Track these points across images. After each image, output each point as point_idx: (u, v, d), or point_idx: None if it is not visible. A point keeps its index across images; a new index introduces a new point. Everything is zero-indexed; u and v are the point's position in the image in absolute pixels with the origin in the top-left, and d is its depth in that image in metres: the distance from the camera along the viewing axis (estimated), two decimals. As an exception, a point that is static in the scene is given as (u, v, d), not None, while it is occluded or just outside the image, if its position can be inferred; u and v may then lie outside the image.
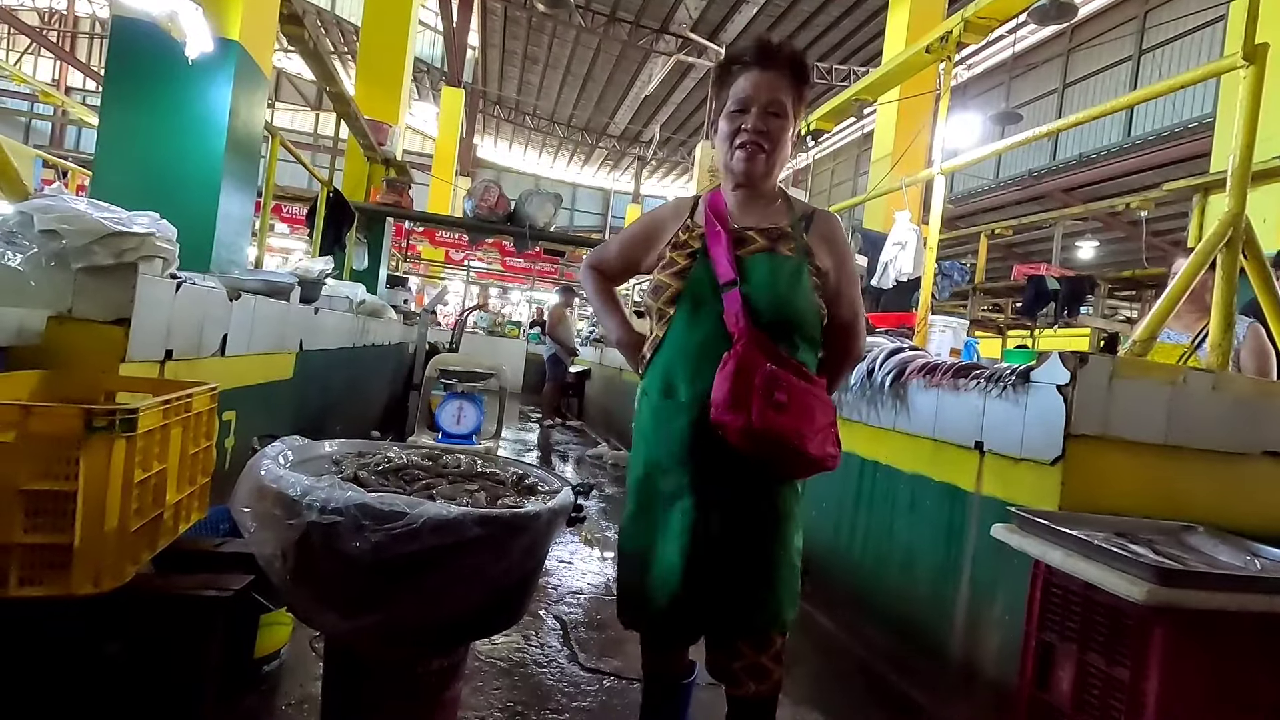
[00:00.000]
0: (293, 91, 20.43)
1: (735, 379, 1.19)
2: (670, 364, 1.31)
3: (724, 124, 1.33)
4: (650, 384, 1.35)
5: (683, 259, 1.34)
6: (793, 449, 1.19)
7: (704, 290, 1.29)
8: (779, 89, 1.29)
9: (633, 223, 1.54)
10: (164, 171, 2.71)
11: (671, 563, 1.27)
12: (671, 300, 1.32)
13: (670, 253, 1.36)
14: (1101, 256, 11.44)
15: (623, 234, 1.53)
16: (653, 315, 1.37)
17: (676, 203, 1.47)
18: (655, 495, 1.32)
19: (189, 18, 2.44)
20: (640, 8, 12.75)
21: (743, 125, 1.29)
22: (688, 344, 1.30)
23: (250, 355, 2.43)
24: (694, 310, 1.30)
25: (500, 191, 6.10)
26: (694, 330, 1.30)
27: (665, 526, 1.30)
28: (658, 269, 1.37)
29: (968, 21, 3.10)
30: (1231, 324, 1.81)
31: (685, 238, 1.37)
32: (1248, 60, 1.83)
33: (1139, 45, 9.88)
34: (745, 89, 1.29)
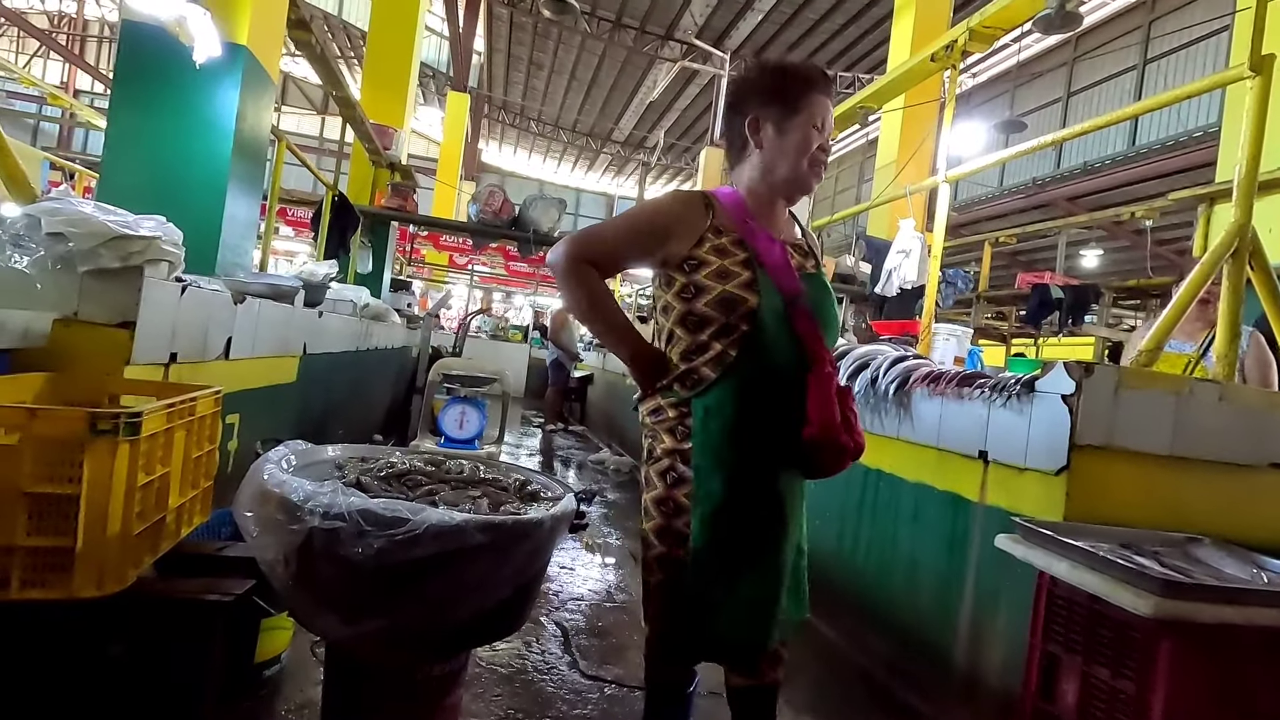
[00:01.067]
0: (299, 95, 20.53)
1: (833, 401, 1.23)
2: (751, 383, 1.25)
3: (801, 136, 1.29)
4: (722, 403, 1.25)
5: (739, 268, 1.25)
6: (859, 454, 1.28)
7: (775, 305, 1.25)
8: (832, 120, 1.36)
9: (632, 212, 1.38)
10: (171, 174, 2.73)
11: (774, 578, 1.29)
12: (745, 317, 1.24)
13: (716, 258, 1.26)
14: (1106, 265, 11.42)
15: (623, 224, 1.35)
16: (708, 328, 1.26)
17: (685, 196, 1.35)
18: (742, 520, 1.26)
19: (197, 22, 2.46)
20: (645, 14, 12.80)
21: (821, 145, 1.31)
22: (767, 363, 1.25)
23: (254, 359, 2.44)
24: (767, 327, 1.25)
25: (505, 196, 6.12)
26: (771, 348, 1.25)
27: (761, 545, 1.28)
28: (706, 275, 1.25)
29: (973, 30, 3.10)
30: (1238, 335, 1.80)
31: (723, 242, 1.28)
32: (1254, 71, 1.83)
33: (1144, 55, 9.89)
34: (826, 110, 1.32)
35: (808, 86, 1.31)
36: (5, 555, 1.07)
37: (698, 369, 1.28)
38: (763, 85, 1.34)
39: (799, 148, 1.30)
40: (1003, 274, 11.12)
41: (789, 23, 12.26)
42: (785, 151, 1.30)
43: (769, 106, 1.32)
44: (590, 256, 1.31)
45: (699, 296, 1.26)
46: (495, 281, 15.28)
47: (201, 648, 1.29)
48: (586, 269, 1.30)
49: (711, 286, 1.25)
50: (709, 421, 1.26)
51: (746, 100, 1.35)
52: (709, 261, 1.27)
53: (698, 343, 1.28)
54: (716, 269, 1.26)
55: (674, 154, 20.18)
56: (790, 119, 1.30)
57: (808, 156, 1.30)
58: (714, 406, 1.26)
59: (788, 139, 1.30)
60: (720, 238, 1.28)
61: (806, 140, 1.30)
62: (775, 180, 1.33)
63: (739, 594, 1.26)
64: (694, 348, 1.29)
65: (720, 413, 1.26)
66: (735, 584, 1.26)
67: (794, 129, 1.30)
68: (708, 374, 1.27)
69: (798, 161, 1.30)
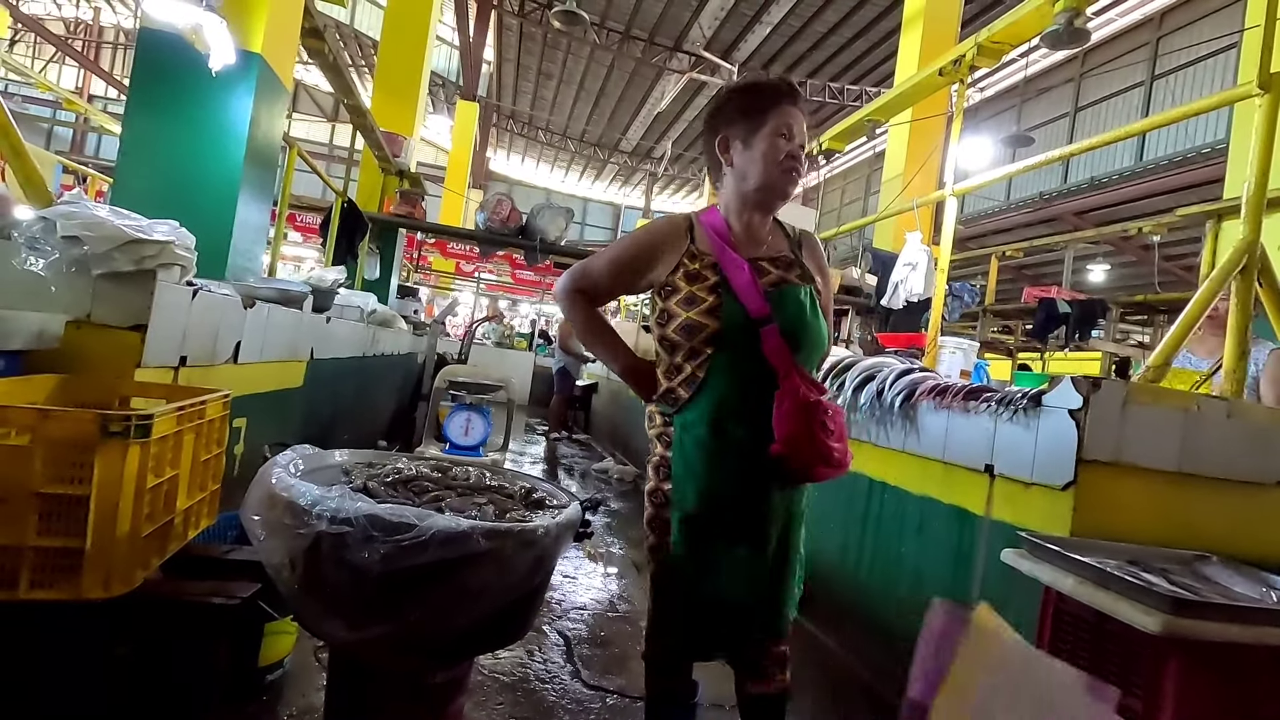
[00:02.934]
0: (310, 103, 20.72)
1: (796, 415, 1.26)
2: (718, 403, 1.32)
3: (766, 145, 1.33)
4: (694, 421, 1.34)
5: (705, 294, 1.32)
6: (838, 464, 1.31)
7: (739, 326, 1.31)
8: (805, 127, 1.38)
9: (620, 243, 1.47)
10: (184, 179, 2.76)
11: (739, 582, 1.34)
12: (708, 340, 1.32)
13: (687, 285, 1.34)
14: (1113, 280, 11.40)
15: (611, 256, 1.44)
16: (679, 352, 1.35)
17: (668, 223, 1.43)
18: (710, 526, 1.34)
19: (213, 30, 2.49)
20: (654, 26, 12.90)
21: (789, 150, 1.34)
22: (733, 383, 1.32)
23: (263, 363, 2.45)
24: (733, 348, 1.31)
25: (512, 205, 6.15)
26: (737, 369, 1.32)
27: (726, 554, 1.34)
28: (676, 302, 1.34)
29: (981, 45, 3.12)
30: (1246, 351, 1.79)
31: (697, 267, 1.35)
32: (1263, 89, 1.83)
33: (1151, 71, 9.90)
34: (790, 117, 1.35)
35: (771, 98, 1.35)
36: (15, 555, 1.08)
37: (674, 389, 1.37)
38: (728, 106, 1.40)
39: (766, 155, 1.34)
40: (1009, 288, 11.10)
41: (797, 35, 12.34)
42: (754, 161, 1.35)
43: (735, 124, 1.38)
44: (581, 287, 1.44)
45: (670, 322, 1.35)
46: (501, 289, 15.33)
47: (206, 650, 1.30)
48: (579, 298, 1.44)
49: (678, 313, 1.34)
50: (684, 437, 1.36)
51: (716, 123, 1.42)
52: (680, 288, 1.35)
53: (673, 364, 1.38)
54: (685, 295, 1.34)
55: (681, 164, 20.27)
56: (756, 132, 1.35)
57: (778, 163, 1.34)
58: (688, 423, 1.35)
59: (754, 150, 1.35)
60: (694, 263, 1.36)
61: (773, 148, 1.33)
62: (748, 191, 1.38)
63: (705, 593, 1.34)
64: (671, 369, 1.38)
65: (693, 429, 1.35)
66: (702, 584, 1.34)
67: (760, 140, 1.34)
68: (682, 394, 1.36)
69: (766, 168, 1.34)
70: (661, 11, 12.32)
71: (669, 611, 1.40)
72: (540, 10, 13.01)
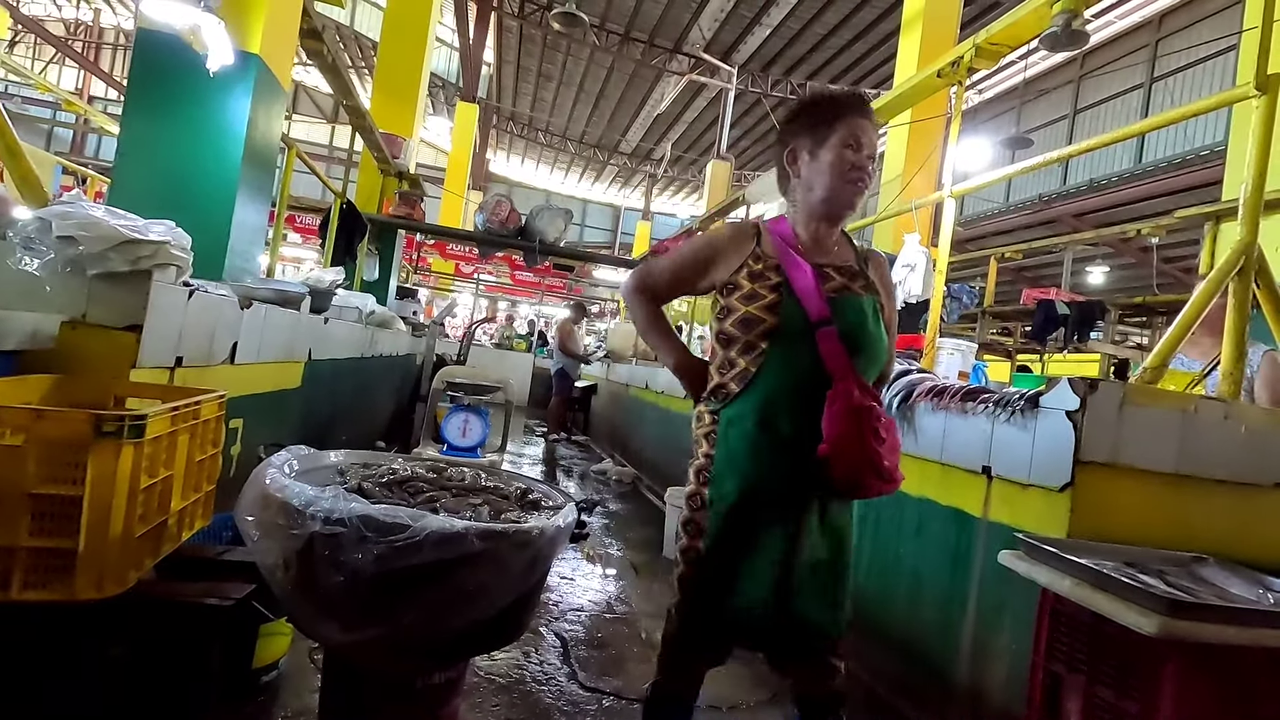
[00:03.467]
0: (309, 104, 20.73)
1: (847, 417, 1.27)
2: (769, 398, 1.34)
3: (833, 155, 1.36)
4: (742, 415, 1.35)
5: (766, 292, 1.35)
6: (888, 477, 1.31)
7: (797, 326, 1.33)
8: (874, 137, 1.39)
9: (686, 245, 1.53)
10: (182, 180, 2.75)
11: (765, 581, 1.33)
12: (765, 335, 1.34)
13: (749, 283, 1.37)
14: (1112, 282, 11.40)
15: (675, 256, 1.51)
16: (734, 346, 1.37)
17: (735, 227, 1.48)
18: (749, 520, 1.34)
19: (211, 31, 2.49)
20: (654, 28, 12.91)
21: (856, 161, 1.36)
22: (786, 380, 1.33)
23: (260, 364, 2.45)
24: (789, 346, 1.33)
25: (511, 206, 6.15)
26: (791, 366, 1.33)
27: (761, 548, 1.34)
28: (737, 298, 1.37)
29: (979, 47, 3.11)
30: (1243, 353, 1.79)
31: (759, 268, 1.38)
32: (1260, 90, 1.83)
33: (1150, 73, 9.91)
34: (859, 129, 1.36)
35: (839, 109, 1.38)
36: (7, 556, 1.08)
37: (725, 383, 1.39)
38: (797, 117, 1.44)
39: (832, 167, 1.36)
40: (1008, 289, 11.10)
41: (796, 38, 12.35)
42: (820, 172, 1.38)
43: (803, 136, 1.41)
44: (646, 285, 1.51)
45: (729, 317, 1.38)
46: (501, 290, 15.33)
47: (200, 652, 1.29)
48: (643, 295, 1.51)
49: (737, 307, 1.37)
50: (730, 430, 1.37)
51: (786, 135, 1.45)
52: (742, 286, 1.38)
53: (727, 359, 1.39)
54: (747, 292, 1.37)
55: (680, 166, 20.28)
56: (823, 143, 1.38)
57: (843, 174, 1.36)
58: (735, 417, 1.36)
59: (820, 161, 1.38)
60: (758, 264, 1.39)
61: (839, 159, 1.36)
62: (814, 202, 1.40)
63: (737, 587, 1.34)
64: (725, 364, 1.40)
65: (740, 423, 1.35)
66: (736, 577, 1.34)
67: (826, 151, 1.37)
68: (733, 388, 1.37)
69: (832, 180, 1.37)
70: (661, 13, 12.33)
71: (695, 612, 1.39)
72: (540, 12, 13.02)
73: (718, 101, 13.87)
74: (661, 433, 5.55)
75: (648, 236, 19.89)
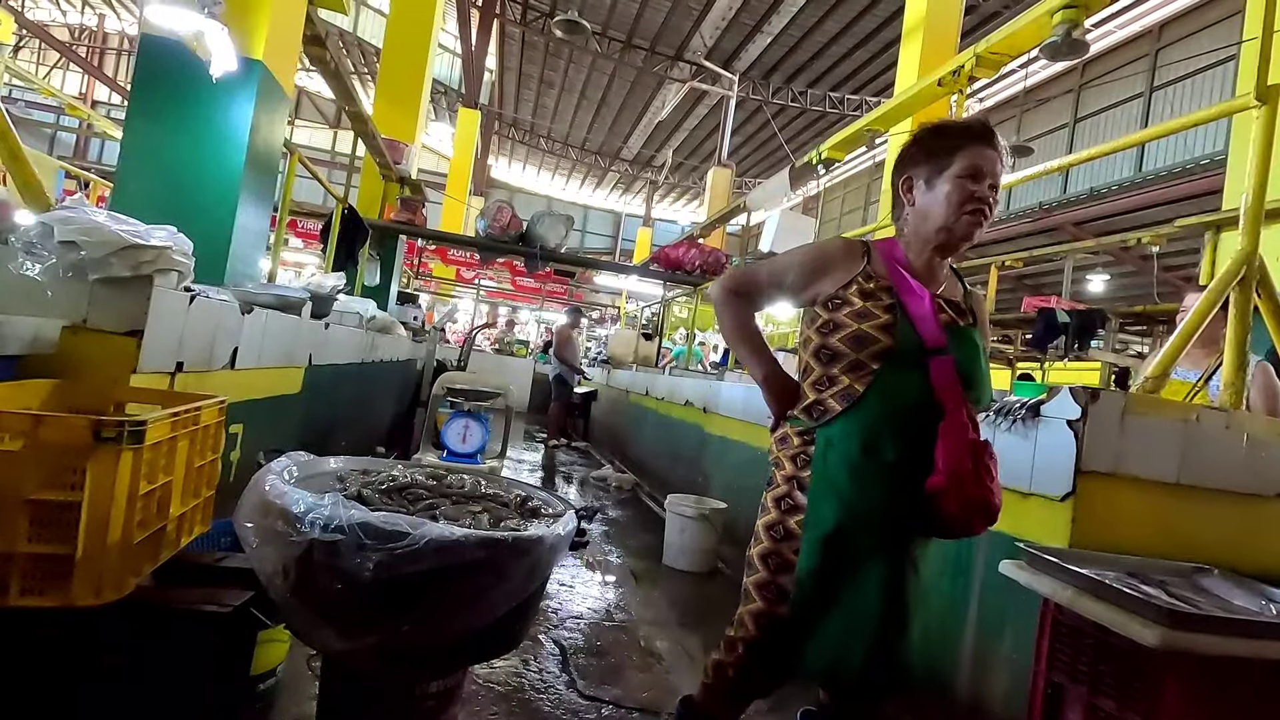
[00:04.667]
0: (312, 109, 20.81)
1: (964, 450, 1.23)
2: (875, 421, 1.29)
3: (950, 187, 1.32)
4: (844, 436, 1.30)
5: (881, 312, 1.30)
6: (993, 517, 1.27)
7: (911, 351, 1.29)
8: (999, 167, 1.34)
9: (789, 254, 1.48)
10: (184, 185, 2.76)
11: (871, 612, 1.28)
12: (878, 355, 1.28)
13: (860, 300, 1.32)
14: (1113, 290, 11.40)
15: (781, 262, 1.46)
16: (839, 363, 1.32)
17: (844, 242, 1.44)
18: (848, 550, 1.29)
19: (215, 37, 2.50)
20: (656, 35, 12.97)
21: (976, 193, 1.31)
22: (893, 404, 1.29)
23: (260, 369, 2.45)
24: (900, 370, 1.28)
25: (513, 212, 6.17)
26: (900, 391, 1.29)
27: (861, 579, 1.29)
28: (847, 314, 1.32)
29: (979, 56, 3.13)
30: (1245, 363, 1.79)
31: (871, 286, 1.34)
32: (1261, 100, 1.83)
33: (1150, 82, 9.94)
34: (979, 160, 1.32)
35: (960, 139, 1.34)
36: (5, 562, 1.07)
37: (824, 400, 1.33)
38: (916, 147, 1.40)
39: (949, 198, 1.32)
40: (1009, 298, 11.11)
41: (797, 46, 12.41)
42: (936, 202, 1.34)
43: (920, 165, 1.38)
44: (741, 289, 1.46)
45: (835, 332, 1.33)
46: (502, 296, 15.36)
47: (198, 658, 1.28)
48: (737, 300, 1.46)
49: (848, 324, 1.32)
50: (829, 452, 1.31)
51: (903, 164, 1.42)
52: (852, 302, 1.33)
53: (828, 375, 1.34)
54: (858, 309, 1.32)
55: (682, 173, 20.34)
56: (941, 173, 1.34)
57: (960, 206, 1.31)
58: (836, 438, 1.31)
59: (937, 191, 1.34)
60: (869, 282, 1.35)
61: (957, 190, 1.31)
62: (928, 232, 1.36)
63: (833, 618, 1.28)
64: (824, 380, 1.34)
65: (842, 444, 1.30)
66: (831, 608, 1.28)
67: (943, 181, 1.33)
68: (833, 406, 1.31)
69: (948, 211, 1.32)
70: (663, 21, 12.38)
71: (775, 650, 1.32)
72: (542, 19, 13.09)
73: (719, 109, 13.93)
74: (662, 439, 5.54)
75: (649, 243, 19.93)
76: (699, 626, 2.70)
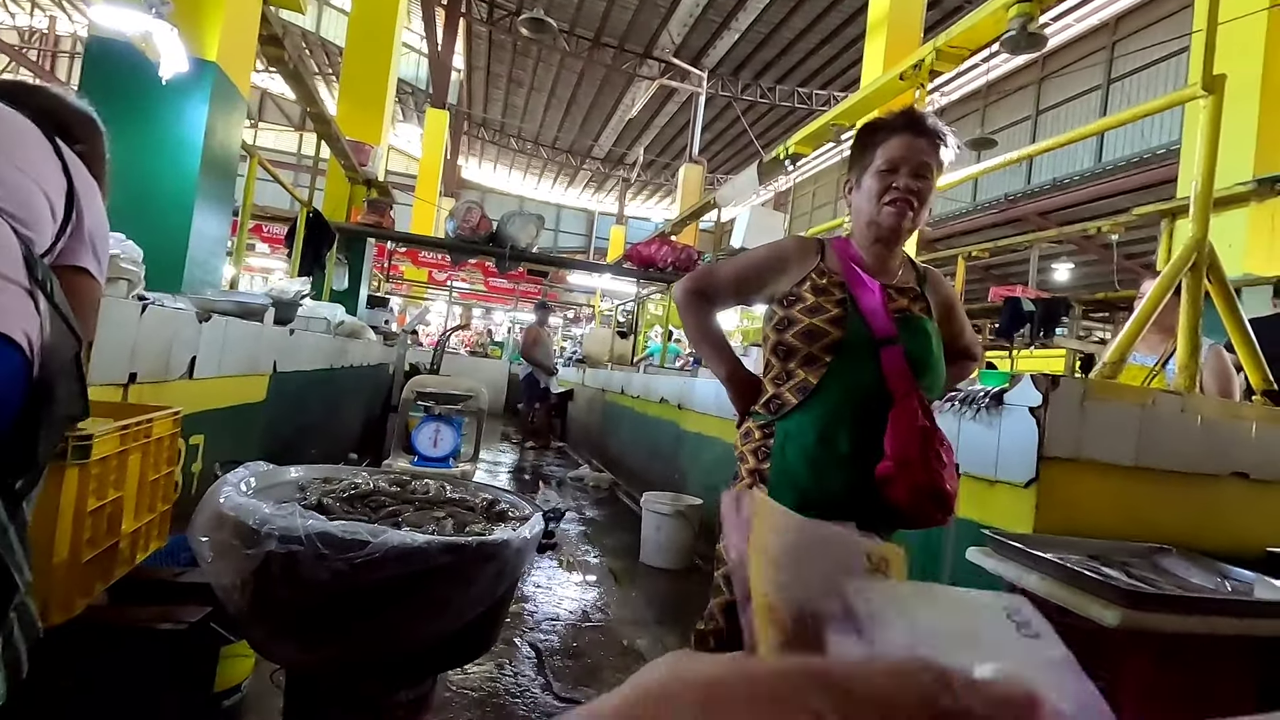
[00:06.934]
0: (276, 112, 20.42)
1: (911, 435, 1.25)
2: (831, 414, 1.31)
3: (872, 181, 1.36)
4: (800, 430, 1.32)
5: (831, 305, 1.33)
6: (948, 506, 1.27)
7: (862, 342, 1.31)
8: (926, 154, 1.35)
9: (747, 254, 1.50)
10: (137, 191, 2.68)
11: None
12: (829, 348, 1.31)
13: (813, 296, 1.35)
14: (1077, 279, 11.66)
15: (736, 263, 1.49)
16: (795, 358, 1.35)
17: (799, 240, 1.47)
18: None
19: (164, 38, 2.43)
20: (624, 33, 12.94)
21: (893, 184, 1.34)
22: (847, 396, 1.31)
23: (221, 378, 2.39)
24: (852, 361, 1.31)
25: (482, 212, 6.11)
26: (853, 383, 1.31)
27: None
28: (800, 309, 1.35)
29: (939, 50, 3.17)
30: (1198, 347, 1.83)
31: (824, 282, 1.37)
32: (1207, 90, 1.88)
33: (1108, 74, 10.18)
34: (897, 150, 1.34)
35: (882, 134, 1.37)
36: (-57, 586, 1.03)
37: (782, 394, 1.36)
38: (852, 147, 1.44)
39: (870, 192, 1.37)
40: (977, 288, 11.29)
41: (765, 42, 12.47)
42: (866, 198, 1.38)
43: (854, 165, 1.43)
44: (701, 289, 1.47)
45: (790, 328, 1.36)
46: (475, 297, 15.22)
47: (154, 677, 1.25)
48: (698, 300, 1.47)
49: (801, 319, 1.35)
50: (788, 445, 1.34)
51: (849, 169, 1.46)
52: (806, 298, 1.36)
53: (785, 370, 1.37)
54: (811, 304, 1.35)
55: (653, 170, 20.34)
56: (866, 170, 1.38)
57: (879, 200, 1.35)
58: (793, 431, 1.33)
59: (864, 187, 1.38)
60: (822, 278, 1.38)
61: (877, 183, 1.36)
62: (862, 227, 1.41)
63: None
64: (781, 375, 1.37)
65: (799, 437, 1.32)
66: None
67: (868, 176, 1.38)
68: (790, 399, 1.34)
69: (872, 205, 1.36)
70: (630, 18, 12.36)
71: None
72: (509, 18, 12.98)
73: (689, 106, 13.95)
74: (638, 438, 5.53)
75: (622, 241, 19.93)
76: (677, 623, 2.70)
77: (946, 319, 1.46)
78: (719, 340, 1.50)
